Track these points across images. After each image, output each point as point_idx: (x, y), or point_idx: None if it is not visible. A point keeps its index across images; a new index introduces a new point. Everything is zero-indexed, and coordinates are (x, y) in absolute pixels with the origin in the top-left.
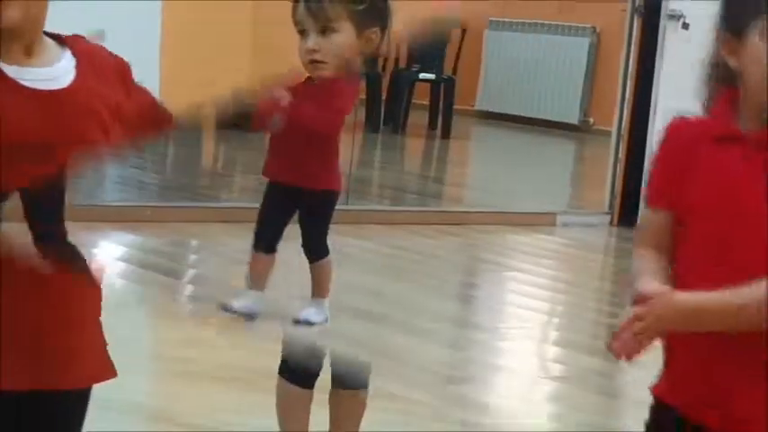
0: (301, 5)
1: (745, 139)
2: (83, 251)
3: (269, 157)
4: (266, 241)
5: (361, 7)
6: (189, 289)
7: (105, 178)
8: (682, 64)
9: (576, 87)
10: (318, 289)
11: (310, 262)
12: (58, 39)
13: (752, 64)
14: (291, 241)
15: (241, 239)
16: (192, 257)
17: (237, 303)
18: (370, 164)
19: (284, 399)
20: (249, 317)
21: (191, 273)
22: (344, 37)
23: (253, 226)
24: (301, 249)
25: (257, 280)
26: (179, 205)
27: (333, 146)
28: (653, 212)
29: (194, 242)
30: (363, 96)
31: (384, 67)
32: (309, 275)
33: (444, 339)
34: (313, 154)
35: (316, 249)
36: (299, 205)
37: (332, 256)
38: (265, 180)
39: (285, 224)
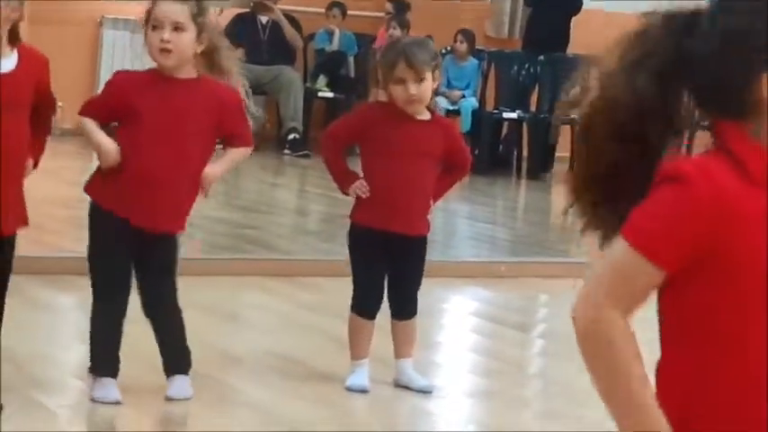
0: None
1: None
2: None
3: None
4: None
5: None
6: (539, 344)
7: (458, 235)
8: None
9: None
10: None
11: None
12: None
13: None
14: None
15: None
16: (543, 312)
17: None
18: None
19: (354, 329)
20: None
21: (540, 328)
22: None
23: None
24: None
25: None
26: (531, 260)
27: None
28: (645, 265)
29: (544, 297)
30: None
31: None
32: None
33: None
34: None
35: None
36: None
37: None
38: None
39: None
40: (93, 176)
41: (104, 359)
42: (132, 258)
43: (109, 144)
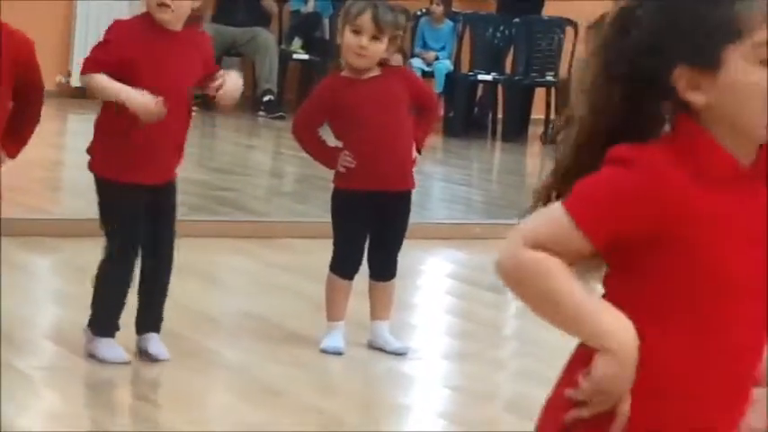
0: None
1: (746, 175)
2: None
3: None
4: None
5: None
6: (514, 305)
7: (433, 197)
8: None
9: None
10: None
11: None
12: None
13: (739, 95)
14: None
15: None
16: None
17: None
18: None
19: (332, 289)
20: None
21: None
22: None
23: None
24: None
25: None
26: (506, 222)
27: None
28: (574, 230)
29: None
30: None
31: None
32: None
33: None
34: None
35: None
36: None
37: None
38: None
39: None
40: (94, 152)
41: (110, 320)
42: (142, 215)
43: (134, 91)
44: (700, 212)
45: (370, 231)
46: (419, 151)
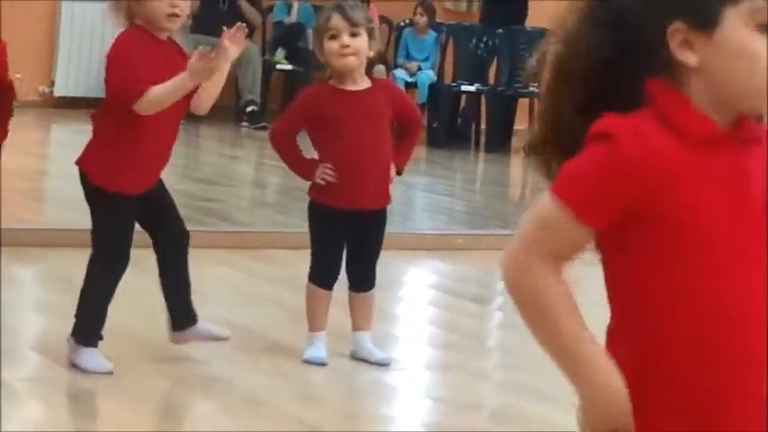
0: None
1: (729, 139)
2: None
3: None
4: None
5: None
6: (497, 316)
7: (416, 207)
8: None
9: None
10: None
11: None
12: None
13: (732, 58)
14: None
15: None
16: (501, 284)
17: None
18: None
19: (311, 299)
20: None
21: (498, 300)
22: None
23: None
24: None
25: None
26: (489, 233)
27: None
28: (570, 222)
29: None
30: None
31: None
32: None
33: None
34: None
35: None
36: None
37: None
38: None
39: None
40: (93, 162)
41: (95, 329)
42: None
43: (182, 73)
44: (686, 176)
45: (347, 242)
46: (399, 173)
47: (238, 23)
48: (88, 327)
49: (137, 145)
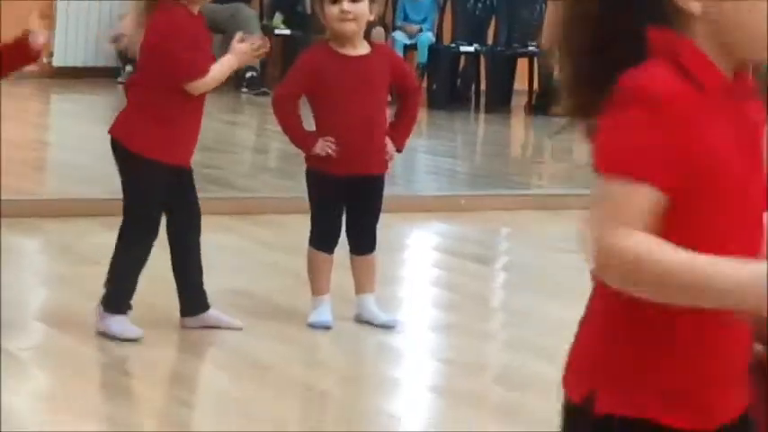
0: None
1: (734, 90)
2: None
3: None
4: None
5: None
6: (500, 276)
7: (418, 169)
8: None
9: None
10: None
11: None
12: None
13: (738, 6)
14: None
15: (554, 225)
16: (503, 244)
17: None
18: None
19: (313, 263)
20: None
21: (501, 260)
22: None
23: (564, 213)
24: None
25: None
26: (491, 193)
27: None
28: (641, 189)
29: (504, 230)
30: None
31: None
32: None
33: None
34: None
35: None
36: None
37: None
38: None
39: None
40: (130, 129)
41: (125, 297)
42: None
43: (226, 57)
44: (707, 124)
45: (345, 207)
46: (399, 151)
47: (263, 42)
48: (118, 294)
49: (184, 119)
